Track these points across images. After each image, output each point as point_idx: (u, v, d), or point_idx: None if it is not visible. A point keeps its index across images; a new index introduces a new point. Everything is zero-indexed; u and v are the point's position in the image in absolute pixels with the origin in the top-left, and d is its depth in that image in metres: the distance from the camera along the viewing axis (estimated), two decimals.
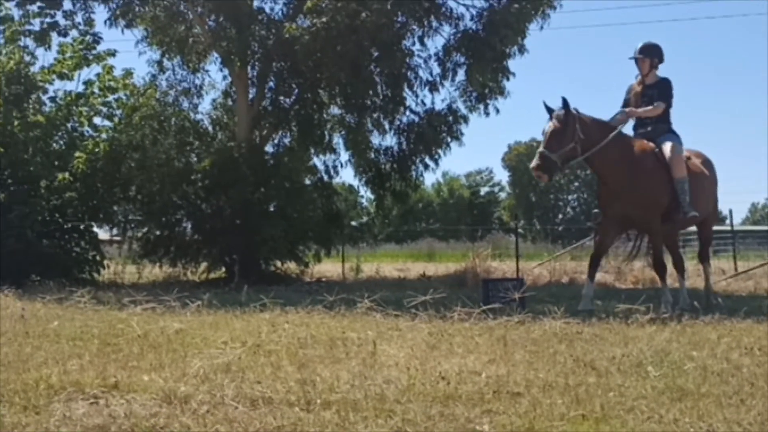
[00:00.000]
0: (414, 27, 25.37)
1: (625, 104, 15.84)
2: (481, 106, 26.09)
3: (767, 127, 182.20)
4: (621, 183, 14.93)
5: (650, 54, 15.52)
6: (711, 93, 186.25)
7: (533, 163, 14.58)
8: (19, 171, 23.27)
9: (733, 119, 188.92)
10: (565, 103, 14.63)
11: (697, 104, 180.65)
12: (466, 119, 26.52)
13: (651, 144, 15.34)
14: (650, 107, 15.51)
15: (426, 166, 27.45)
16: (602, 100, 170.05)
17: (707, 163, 16.57)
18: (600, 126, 15.12)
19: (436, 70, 26.18)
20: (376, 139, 27.32)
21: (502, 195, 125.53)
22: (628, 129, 15.85)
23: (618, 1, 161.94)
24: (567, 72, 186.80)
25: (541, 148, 14.71)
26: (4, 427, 5.61)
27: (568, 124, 14.48)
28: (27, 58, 25.23)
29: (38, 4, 25.82)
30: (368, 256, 42.10)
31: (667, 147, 15.13)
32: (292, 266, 26.59)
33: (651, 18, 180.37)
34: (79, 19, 26.21)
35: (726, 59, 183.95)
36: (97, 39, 26.33)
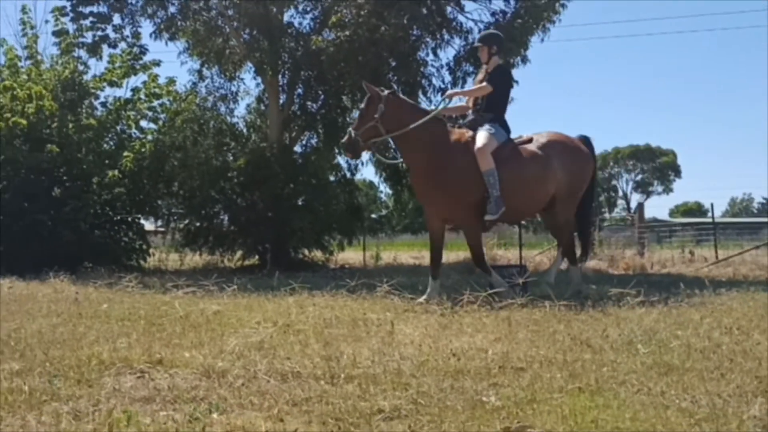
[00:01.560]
0: (428, 40, 25.44)
1: None
2: None
3: (741, 132, 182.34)
4: (425, 171, 13.55)
5: (489, 42, 14.33)
6: (692, 100, 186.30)
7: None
8: (74, 169, 23.34)
9: (714, 125, 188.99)
10: (368, 86, 13.73)
11: (678, 110, 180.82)
12: None
13: (469, 133, 13.69)
14: (473, 87, 14.59)
15: None
16: (597, 104, 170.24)
17: (557, 145, 13.94)
18: (412, 109, 14.13)
19: (448, 78, 26.15)
20: None
21: None
22: None
23: (611, 10, 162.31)
24: (565, 80, 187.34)
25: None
26: (60, 399, 5.63)
27: (371, 103, 13.39)
28: (80, 68, 25.35)
29: (91, 19, 26.01)
30: (386, 245, 42.09)
31: (478, 137, 13.37)
32: (318, 254, 26.71)
33: (641, 32, 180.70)
34: (127, 32, 26.31)
35: (708, 70, 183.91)
36: (143, 50, 26.46)
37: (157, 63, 26.69)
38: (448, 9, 25.27)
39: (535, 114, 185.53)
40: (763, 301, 11.82)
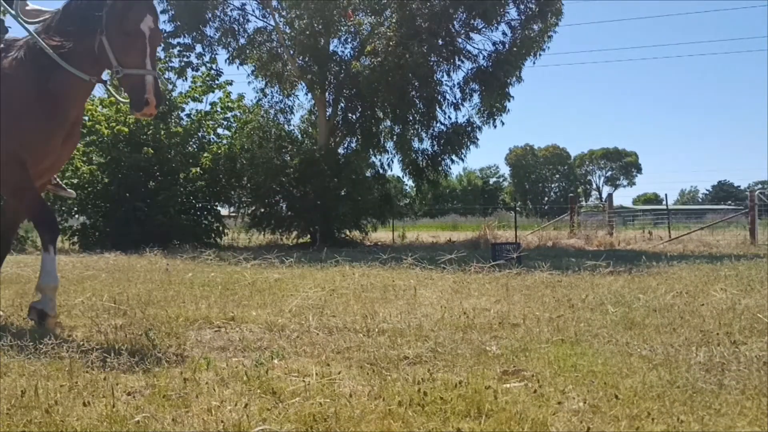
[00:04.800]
0: (443, 64, 25.60)
1: None
2: (491, 121, 26.25)
3: (689, 137, 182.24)
4: None
5: None
6: (651, 112, 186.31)
7: None
8: (165, 166, 23.51)
9: (668, 133, 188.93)
10: None
11: (640, 120, 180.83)
12: (480, 129, 26.78)
13: None
14: None
15: (452, 161, 27.72)
16: (576, 115, 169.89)
17: None
18: None
19: (459, 95, 26.54)
20: (416, 144, 27.42)
21: (505, 184, 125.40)
22: None
23: (590, 40, 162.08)
24: (553, 95, 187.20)
25: None
26: (154, 347, 5.65)
27: None
28: (170, 87, 25.50)
29: (178, 48, 26.43)
30: (410, 226, 42.06)
31: None
32: (357, 234, 26.88)
33: (612, 59, 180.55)
34: (206, 59, 26.79)
35: (664, 89, 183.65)
36: (219, 73, 26.73)
37: (230, 83, 26.83)
38: (459, 40, 25.43)
39: (528, 124, 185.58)
40: (706, 271, 11.80)
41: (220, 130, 26.85)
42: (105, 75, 7.07)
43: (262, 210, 26.14)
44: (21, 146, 6.78)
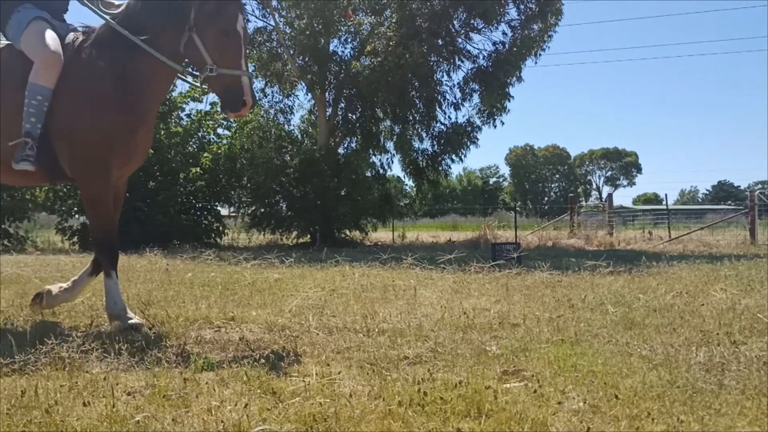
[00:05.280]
0: (443, 64, 25.62)
1: None
2: (491, 121, 26.29)
3: (689, 138, 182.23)
4: None
5: None
6: (651, 113, 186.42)
7: None
8: (165, 166, 23.59)
9: (668, 133, 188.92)
10: None
11: (640, 120, 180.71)
12: (480, 129, 26.83)
13: None
14: None
15: (452, 161, 27.81)
16: (576, 115, 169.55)
17: None
18: None
19: (459, 95, 26.57)
20: (416, 144, 27.51)
21: (505, 183, 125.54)
22: None
23: (590, 41, 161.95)
24: (553, 95, 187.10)
25: None
26: (154, 347, 5.65)
27: None
28: (170, 87, 25.50)
29: None
30: (410, 226, 42.12)
31: None
32: (357, 234, 26.94)
33: (612, 59, 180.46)
34: None
35: (664, 89, 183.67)
36: None
37: None
38: (459, 40, 25.46)
39: (529, 124, 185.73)
40: (706, 271, 11.79)
41: (220, 130, 26.97)
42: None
43: (262, 210, 26.18)
44: (110, 148, 6.59)
